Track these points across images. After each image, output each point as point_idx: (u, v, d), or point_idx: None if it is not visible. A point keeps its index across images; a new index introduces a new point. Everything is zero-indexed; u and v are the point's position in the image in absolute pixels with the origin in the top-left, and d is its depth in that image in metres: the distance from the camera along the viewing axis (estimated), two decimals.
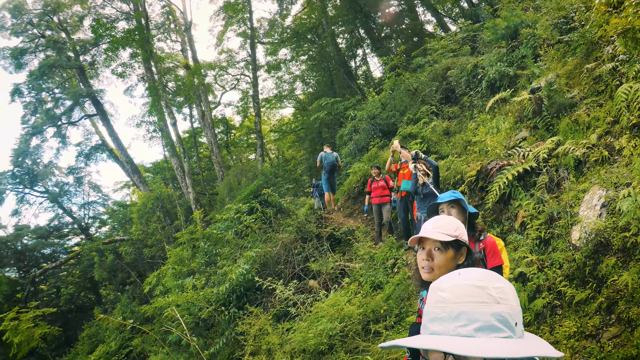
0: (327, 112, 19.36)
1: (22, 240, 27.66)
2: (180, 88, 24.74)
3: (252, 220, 10.70)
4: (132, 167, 25.93)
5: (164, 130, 23.79)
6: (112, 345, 15.53)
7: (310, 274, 8.48)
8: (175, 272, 11.38)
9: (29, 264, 27.73)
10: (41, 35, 26.64)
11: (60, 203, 29.10)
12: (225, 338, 7.86)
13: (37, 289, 27.65)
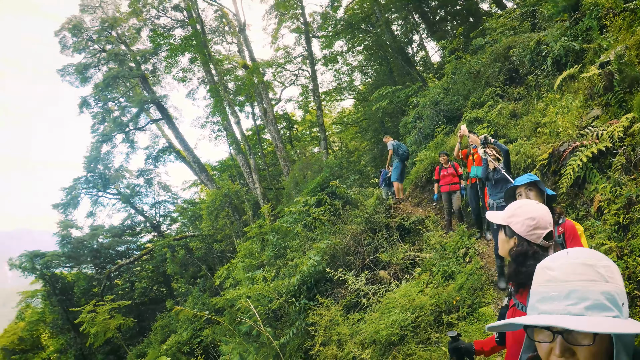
0: (389, 101, 18.96)
1: (98, 239, 29.64)
2: (241, 87, 25.24)
3: (320, 212, 10.69)
4: (199, 166, 26.98)
5: (228, 129, 24.37)
6: (183, 335, 16.26)
7: (380, 265, 8.34)
8: (245, 265, 11.57)
9: (105, 261, 29.78)
10: (102, 50, 28.30)
11: (132, 203, 30.94)
12: (296, 329, 7.91)
13: (113, 284, 29.63)
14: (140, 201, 31.72)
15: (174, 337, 17.05)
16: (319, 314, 7.15)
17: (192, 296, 20.67)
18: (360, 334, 6.22)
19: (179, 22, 25.17)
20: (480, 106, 11.88)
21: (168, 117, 27.59)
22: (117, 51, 27.72)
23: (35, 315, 35.63)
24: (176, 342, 16.32)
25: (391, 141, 12.22)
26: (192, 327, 16.59)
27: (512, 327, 1.15)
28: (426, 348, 5.44)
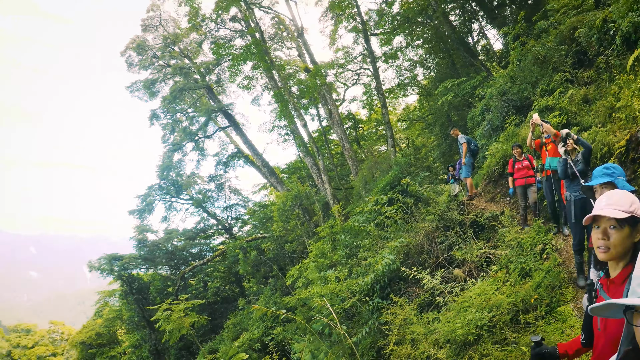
0: (454, 94, 18.46)
1: (172, 242, 31.46)
2: (304, 91, 25.61)
3: (392, 210, 10.57)
4: (268, 169, 27.77)
5: (295, 132, 24.94)
6: (255, 333, 16.80)
7: (454, 263, 8.20)
8: (317, 265, 11.68)
9: (179, 262, 31.47)
10: (167, 65, 30.05)
11: (204, 208, 32.65)
12: (368, 327, 7.90)
13: (187, 284, 31.29)
14: (212, 205, 33.39)
15: (246, 335, 17.63)
16: (393, 313, 7.13)
17: (264, 295, 21.25)
18: (435, 334, 6.16)
19: (238, 33, 25.99)
20: (550, 93, 11.37)
21: (235, 124, 28.66)
22: (182, 65, 29.31)
23: (113, 312, 38.45)
24: (248, 340, 16.84)
25: (462, 135, 11.97)
26: (263, 325, 17.06)
27: (611, 313, 1.18)
28: (503, 348, 5.34)
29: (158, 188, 31.30)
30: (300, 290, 11.51)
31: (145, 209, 31.19)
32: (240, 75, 27.97)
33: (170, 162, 30.21)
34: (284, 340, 13.85)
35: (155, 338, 27.89)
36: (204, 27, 26.28)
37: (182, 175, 31.32)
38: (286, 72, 26.41)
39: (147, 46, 29.63)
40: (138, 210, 31.24)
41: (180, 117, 30.64)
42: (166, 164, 30.16)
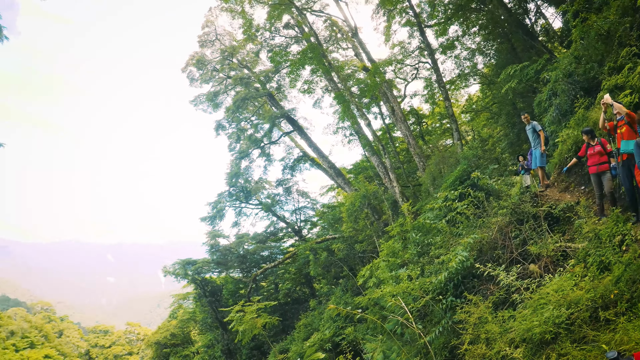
0: (517, 80, 17.66)
1: (244, 246, 33.00)
2: (364, 90, 25.67)
3: (464, 206, 10.38)
4: (335, 171, 28.30)
5: (359, 132, 25.14)
6: (326, 333, 17.17)
7: (529, 258, 7.91)
8: (388, 264, 11.66)
9: (250, 265, 32.91)
10: (227, 77, 31.48)
11: (273, 211, 33.96)
12: (442, 327, 7.85)
13: (258, 286, 32.44)
14: (281, 209, 34.65)
15: (317, 335, 18.03)
16: (467, 311, 7.02)
17: (334, 296, 21.65)
18: (511, 332, 6.01)
19: (293, 39, 26.59)
20: (618, 71, 10.66)
21: (299, 128, 29.50)
22: (241, 75, 30.55)
23: (187, 314, 40.78)
24: (319, 340, 17.24)
25: (535, 122, 11.61)
26: (334, 326, 17.48)
27: None
28: (581, 347, 5.12)
29: (228, 195, 32.97)
30: (372, 290, 11.57)
31: (216, 215, 32.98)
32: (299, 80, 28.52)
33: (238, 169, 31.69)
34: (355, 341, 14.00)
35: (228, 338, 29.37)
36: (259, 37, 27.07)
37: (250, 181, 32.72)
38: (345, 72, 26.65)
39: (206, 61, 31.27)
40: (209, 217, 33.14)
41: (244, 126, 32.00)
42: (234, 171, 31.64)
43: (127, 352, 70.65)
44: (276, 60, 26.78)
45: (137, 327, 75.94)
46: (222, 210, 33.40)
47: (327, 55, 24.68)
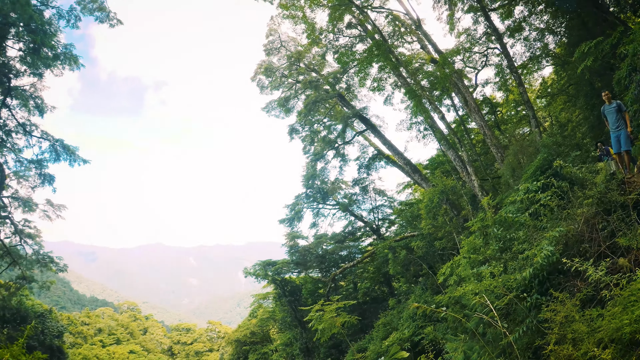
0: (593, 58, 16.38)
1: (322, 246, 33.91)
2: (434, 82, 25.21)
3: (547, 197, 9.98)
4: (411, 167, 28.20)
5: (433, 126, 24.78)
6: (405, 333, 17.34)
7: (618, 251, 7.46)
8: (469, 261, 11.39)
9: (329, 265, 33.76)
10: (296, 82, 32.42)
11: (350, 211, 34.61)
12: (526, 326, 7.59)
13: (337, 285, 33.06)
14: (358, 208, 35.22)
15: (396, 334, 18.20)
16: (553, 309, 6.74)
17: (414, 295, 21.62)
18: (599, 332, 5.73)
19: (357, 38, 26.68)
20: None
21: (372, 126, 29.69)
22: (310, 79, 31.37)
23: (266, 313, 42.52)
24: (397, 339, 17.39)
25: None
26: (413, 325, 17.58)
27: None
28: None
29: (305, 196, 34.16)
30: (453, 288, 11.52)
31: (294, 217, 34.29)
32: (368, 79, 28.67)
33: (314, 171, 32.69)
34: (434, 340, 13.92)
35: (306, 337, 30.24)
36: (323, 39, 27.44)
37: (326, 182, 33.54)
38: (413, 66, 26.38)
39: (273, 68, 32.35)
40: (288, 219, 34.54)
41: (317, 128, 32.73)
42: (310, 173, 32.72)
43: (207, 349, 74.55)
44: (343, 60, 27.09)
45: (218, 326, 79.90)
46: (300, 212, 34.49)
47: (393, 51, 24.57)
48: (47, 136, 27.13)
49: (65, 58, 24.45)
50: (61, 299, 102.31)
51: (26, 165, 28.00)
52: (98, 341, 69.42)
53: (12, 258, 29.83)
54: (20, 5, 21.17)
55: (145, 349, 73.25)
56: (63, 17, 24.37)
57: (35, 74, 24.99)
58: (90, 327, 71.98)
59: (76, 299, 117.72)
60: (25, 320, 32.94)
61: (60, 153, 27.24)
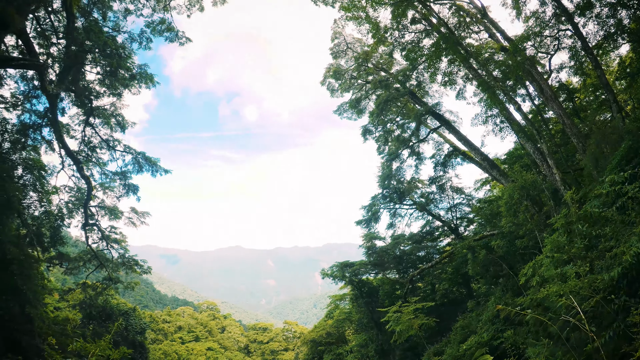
0: None
1: (400, 247, 33.99)
2: (506, 72, 24.26)
3: (635, 189, 9.58)
4: (488, 163, 27.45)
5: (509, 118, 24.06)
6: (484, 337, 16.97)
7: None
8: (552, 260, 11.08)
9: (407, 266, 33.78)
10: (365, 82, 32.74)
11: (428, 211, 34.26)
12: (612, 331, 7.33)
13: (415, 287, 32.89)
14: (435, 207, 34.73)
15: (474, 338, 17.82)
16: None
17: (494, 296, 21.00)
18: None
19: (423, 33, 26.19)
20: None
21: (446, 122, 29.35)
22: (380, 78, 31.50)
23: (343, 314, 43.01)
24: (475, 343, 17.03)
25: None
26: (492, 328, 17.16)
27: None
28: None
29: (381, 197, 34.24)
30: (535, 289, 11.18)
31: (371, 218, 34.58)
32: (438, 74, 28.28)
33: (390, 171, 32.68)
34: (514, 345, 13.48)
35: (382, 338, 30.33)
36: (388, 37, 27.19)
37: (402, 182, 33.43)
38: (483, 57, 25.58)
39: (342, 70, 32.91)
40: (364, 220, 34.91)
41: (390, 127, 32.82)
42: (386, 173, 32.76)
43: (283, 349, 76.51)
44: (410, 57, 26.83)
45: (294, 326, 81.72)
46: (377, 213, 34.65)
47: (460, 43, 24.04)
48: (129, 150, 29.30)
49: (141, 77, 26.34)
50: (144, 299, 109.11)
51: (111, 177, 30.22)
52: (178, 338, 73.61)
53: (99, 261, 32.49)
54: (94, 34, 23.41)
55: (222, 346, 76.57)
56: (135, 40, 26.40)
57: (114, 94, 27.13)
58: (170, 324, 76.44)
59: (158, 299, 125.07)
60: (110, 317, 36.21)
61: (142, 165, 29.24)
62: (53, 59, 25.73)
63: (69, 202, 30.27)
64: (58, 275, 51.90)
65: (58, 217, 29.22)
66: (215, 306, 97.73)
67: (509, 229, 21.12)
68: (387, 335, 26.78)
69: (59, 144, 27.47)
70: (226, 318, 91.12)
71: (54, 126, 26.25)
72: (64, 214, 29.84)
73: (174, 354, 65.76)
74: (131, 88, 26.68)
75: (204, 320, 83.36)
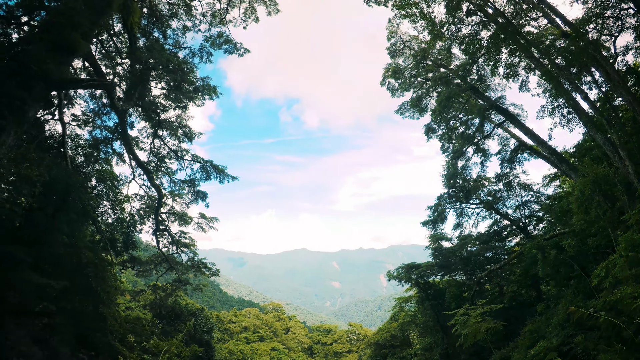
0: None
1: (467, 248, 33.38)
2: (570, 58, 23.36)
3: None
4: (557, 157, 26.37)
5: (576, 108, 23.13)
6: (553, 341, 16.31)
7: None
8: (627, 260, 10.70)
9: (474, 267, 33.00)
10: (425, 80, 32.51)
11: (495, 209, 33.39)
12: None
13: (482, 289, 32.31)
14: (503, 206, 33.81)
15: (542, 343, 17.13)
16: None
17: (564, 299, 20.15)
18: None
19: (480, 24, 25.45)
20: None
21: (510, 116, 28.64)
22: (439, 75, 31.15)
23: (408, 317, 42.97)
24: (544, 348, 16.36)
25: None
26: (562, 333, 16.47)
27: None
28: None
29: (447, 197, 33.97)
30: (608, 291, 10.81)
31: (437, 218, 34.36)
32: (499, 66, 27.46)
33: (455, 170, 32.41)
34: (585, 350, 13.08)
35: (448, 342, 30.03)
36: (445, 32, 26.90)
37: (468, 180, 33.07)
38: (544, 44, 24.67)
39: (401, 69, 32.82)
40: (430, 221, 34.70)
41: (454, 125, 32.52)
42: (451, 172, 32.56)
43: (346, 351, 76.92)
44: (469, 51, 26.21)
45: (358, 328, 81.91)
46: (443, 213, 34.35)
47: (519, 32, 23.33)
48: (197, 159, 30.88)
49: (204, 90, 27.58)
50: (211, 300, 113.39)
51: (180, 185, 32.07)
52: (243, 338, 76.45)
53: (169, 264, 34.79)
54: (157, 52, 24.91)
55: (286, 347, 78.36)
56: (195, 54, 27.92)
57: (180, 107, 28.73)
58: (236, 325, 79.48)
59: (224, 300, 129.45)
60: (179, 317, 38.62)
61: (210, 172, 30.61)
62: (119, 78, 27.81)
63: (141, 210, 32.58)
64: (129, 277, 55.84)
65: (130, 223, 31.46)
66: (281, 307, 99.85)
67: (580, 227, 20.19)
68: (452, 339, 26.50)
69: (130, 156, 29.46)
70: (291, 319, 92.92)
71: (124, 139, 28.22)
72: (136, 221, 32.10)
73: (239, 353, 68.35)
74: (195, 100, 28.03)
75: (269, 321, 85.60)
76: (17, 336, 18.68)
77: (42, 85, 15.95)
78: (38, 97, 15.99)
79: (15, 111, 14.76)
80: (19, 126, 15.25)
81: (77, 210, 21.72)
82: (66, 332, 23.55)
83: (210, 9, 28.53)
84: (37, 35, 16.60)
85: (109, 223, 30.41)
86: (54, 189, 19.81)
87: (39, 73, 15.47)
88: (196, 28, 28.91)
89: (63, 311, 21.55)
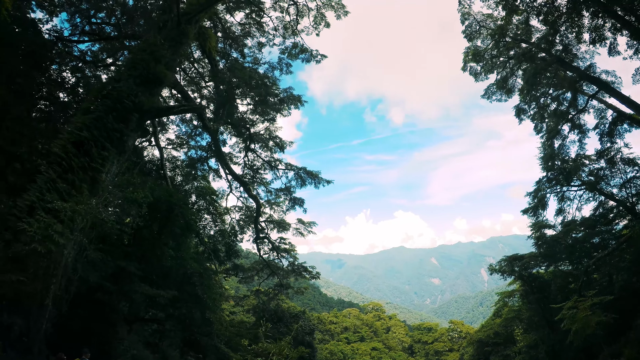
0: None
1: (571, 235, 30.95)
2: None
3: None
4: None
5: None
6: None
7: None
8: None
9: (580, 256, 30.37)
10: (508, 58, 30.89)
11: (599, 190, 30.26)
12: None
13: (590, 278, 29.50)
14: (607, 185, 30.67)
15: None
16: None
17: None
18: None
19: None
20: None
21: (604, 85, 26.75)
22: (522, 51, 29.39)
23: (512, 312, 40.83)
24: None
25: None
26: None
27: None
28: None
29: (546, 180, 31.92)
30: None
31: (537, 205, 32.41)
32: (583, 32, 25.19)
33: (552, 150, 30.71)
34: None
35: (554, 339, 28.10)
36: (519, 4, 25.53)
37: (567, 161, 30.89)
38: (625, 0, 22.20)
39: (481, 51, 31.67)
40: (531, 208, 32.80)
41: (544, 102, 30.87)
42: (548, 153, 30.86)
43: (447, 349, 74.93)
44: (549, 20, 24.44)
45: (460, 325, 79.36)
46: (544, 199, 32.34)
47: None
48: (290, 167, 32.10)
49: (289, 100, 28.74)
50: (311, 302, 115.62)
51: (276, 194, 33.52)
52: (344, 338, 77.33)
53: (270, 270, 36.58)
54: (238, 70, 26.49)
55: (387, 346, 78.10)
56: (275, 68, 29.26)
57: (267, 119, 30.15)
58: (337, 325, 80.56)
59: (324, 302, 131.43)
60: (281, 319, 40.16)
61: (305, 178, 31.57)
62: (207, 100, 29.77)
63: (240, 220, 34.83)
64: (233, 284, 58.87)
65: (231, 233, 33.31)
66: (380, 307, 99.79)
67: None
68: (559, 335, 25.22)
69: (225, 171, 31.59)
70: (391, 319, 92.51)
71: (219, 156, 30.33)
72: (237, 231, 34.20)
73: (339, 353, 69.67)
74: (282, 111, 29.18)
75: (369, 321, 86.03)
76: (130, 341, 20.57)
77: (137, 116, 17.52)
78: (134, 127, 17.60)
79: (115, 142, 16.17)
80: (120, 155, 16.83)
81: (180, 225, 23.26)
82: (175, 336, 25.61)
83: (281, 22, 29.37)
84: (124, 72, 18.13)
85: (211, 235, 32.33)
86: (157, 208, 21.41)
87: (132, 106, 16.99)
88: (271, 42, 30.03)
89: (171, 317, 23.70)
